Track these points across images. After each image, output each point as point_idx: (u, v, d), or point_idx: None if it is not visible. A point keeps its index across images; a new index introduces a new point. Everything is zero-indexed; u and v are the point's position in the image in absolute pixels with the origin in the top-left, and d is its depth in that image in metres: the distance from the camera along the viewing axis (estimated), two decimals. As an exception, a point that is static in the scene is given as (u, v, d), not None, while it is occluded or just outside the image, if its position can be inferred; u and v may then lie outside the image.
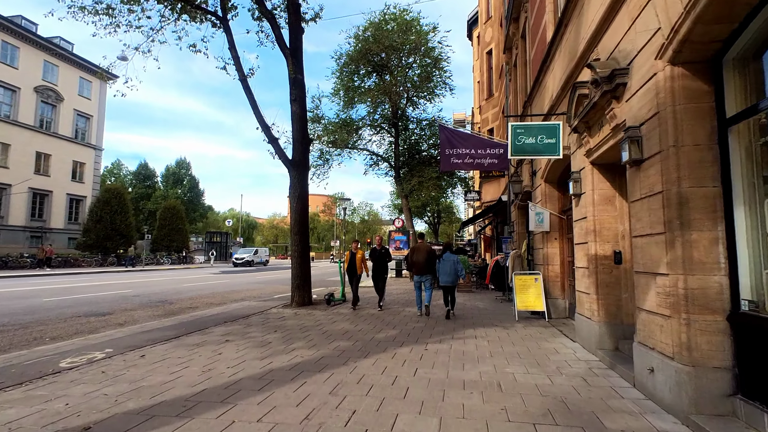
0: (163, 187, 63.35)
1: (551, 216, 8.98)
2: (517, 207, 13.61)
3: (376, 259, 10.66)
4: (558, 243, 8.96)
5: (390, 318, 8.94)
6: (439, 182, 24.11)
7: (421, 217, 53.66)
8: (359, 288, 11.19)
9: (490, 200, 20.48)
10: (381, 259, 10.66)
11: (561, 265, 8.93)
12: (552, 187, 9.10)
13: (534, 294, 8.81)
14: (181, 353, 5.80)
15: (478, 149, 11.90)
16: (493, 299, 12.47)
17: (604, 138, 5.08)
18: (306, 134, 11.48)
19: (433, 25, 22.12)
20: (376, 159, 26.98)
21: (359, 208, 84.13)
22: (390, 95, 21.58)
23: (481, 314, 9.55)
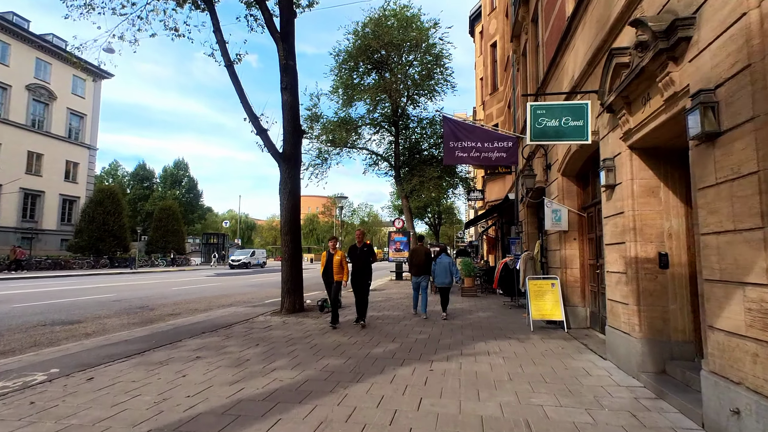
0: (161, 188, 62.50)
1: (570, 214, 8.02)
2: (527, 205, 12.66)
3: (356, 259, 8.45)
4: (577, 244, 8.00)
5: (389, 328, 7.97)
6: (440, 182, 23.50)
7: (422, 218, 52.75)
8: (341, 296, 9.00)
9: (495, 199, 19.52)
10: (362, 260, 8.39)
11: (581, 268, 7.96)
12: (570, 182, 8.14)
13: (551, 301, 7.84)
14: (138, 375, 4.83)
15: (485, 142, 11.01)
16: (501, 305, 11.50)
17: (653, 113, 4.12)
18: (298, 125, 10.54)
19: (434, 21, 21.41)
20: (375, 158, 26.45)
21: (359, 209, 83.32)
22: (390, 93, 20.87)
23: (490, 323, 8.58)
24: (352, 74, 22.58)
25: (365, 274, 8.45)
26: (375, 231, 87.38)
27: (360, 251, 8.53)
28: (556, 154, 8.29)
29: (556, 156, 8.37)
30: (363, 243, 8.62)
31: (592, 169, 7.52)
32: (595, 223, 7.41)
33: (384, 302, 12.05)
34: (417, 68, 22.32)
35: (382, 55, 21.55)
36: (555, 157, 8.43)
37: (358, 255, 8.52)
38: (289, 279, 9.97)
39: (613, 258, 5.26)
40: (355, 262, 8.50)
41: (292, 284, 9.97)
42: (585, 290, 7.91)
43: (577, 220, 8.03)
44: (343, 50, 22.08)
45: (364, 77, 22.82)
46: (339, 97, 22.91)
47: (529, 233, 12.72)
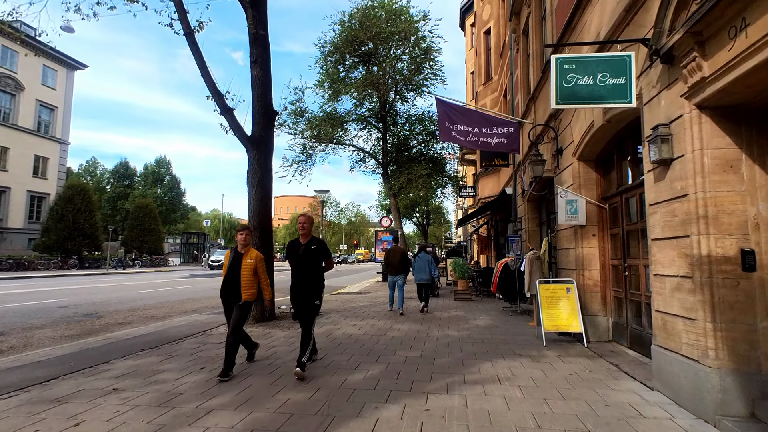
0: (142, 186, 60.23)
1: (588, 205, 6.76)
2: (528, 199, 11.42)
3: (296, 263, 5.03)
4: (597, 241, 6.74)
5: (372, 343, 6.61)
6: (429, 180, 22.63)
7: (410, 217, 51.63)
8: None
9: (489, 196, 18.32)
10: (305, 266, 4.99)
11: (601, 270, 6.70)
12: (588, 168, 6.88)
13: (567, 309, 6.56)
14: (9, 424, 3.40)
15: (483, 128, 9.81)
16: (500, 311, 10.22)
17: (749, 49, 2.84)
18: (269, 105, 9.12)
19: (423, 14, 20.44)
20: (362, 155, 25.65)
21: (346, 209, 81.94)
22: (377, 87, 20.04)
23: (492, 334, 7.27)
24: (338, 67, 21.69)
25: (310, 289, 4.96)
26: (362, 231, 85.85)
27: (303, 251, 4.97)
28: (571, 134, 7.03)
29: (570, 137, 7.10)
30: (310, 237, 5.07)
31: (617, 150, 6.27)
32: (620, 215, 6.15)
33: (368, 308, 10.68)
34: (406, 62, 21.42)
35: (370, 48, 20.73)
36: (569, 139, 7.17)
37: (299, 256, 4.98)
38: (257, 282, 8.54)
39: (667, 257, 3.98)
40: (295, 267, 5.06)
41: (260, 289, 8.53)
42: (606, 296, 6.65)
43: (597, 212, 6.77)
44: (329, 42, 21.00)
45: (350, 71, 21.89)
46: (325, 92, 21.97)
47: (530, 230, 11.49)
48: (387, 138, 22.89)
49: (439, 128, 9.60)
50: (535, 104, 10.05)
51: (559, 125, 7.74)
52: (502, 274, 9.84)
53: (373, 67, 20.94)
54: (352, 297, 13.89)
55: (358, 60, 21.47)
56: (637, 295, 5.70)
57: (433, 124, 24.69)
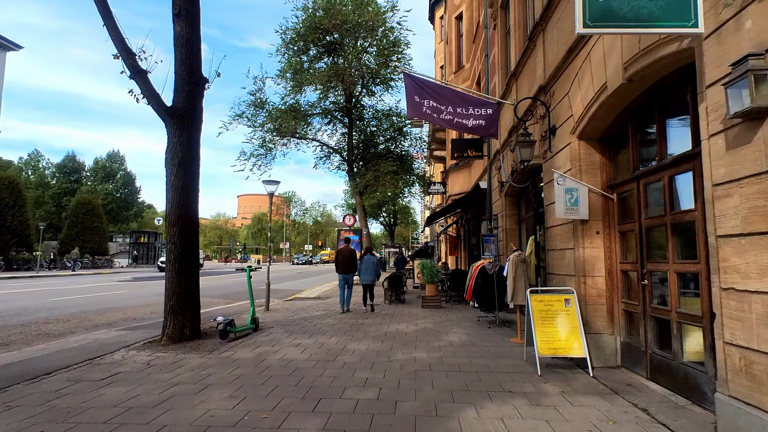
0: (91, 182, 55.91)
1: (591, 195, 5.38)
2: (506, 194, 10.08)
3: None
4: (602, 240, 5.36)
5: (315, 374, 4.96)
6: (396, 177, 21.45)
7: (377, 217, 50.23)
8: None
9: (459, 193, 17.01)
10: None
11: (607, 276, 5.32)
12: (591, 149, 5.50)
13: (566, 327, 5.14)
14: None
15: (458, 107, 8.44)
16: (475, 322, 8.79)
17: None
18: (197, 69, 7.30)
19: (391, 4, 19.17)
20: (327, 151, 24.35)
21: (312, 208, 79.64)
22: (343, 80, 18.76)
23: (470, 357, 5.77)
24: (302, 57, 20.34)
25: None
26: (328, 231, 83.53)
27: None
28: (569, 108, 5.63)
29: (567, 112, 5.71)
30: None
31: (633, 123, 4.90)
32: (637, 206, 4.78)
33: (322, 318, 9.00)
34: (373, 55, 20.31)
35: (335, 38, 19.61)
36: (565, 115, 5.78)
37: None
38: (175, 291, 6.71)
39: (755, 264, 2.56)
40: None
41: (181, 299, 6.71)
42: (614, 309, 5.28)
43: (602, 204, 5.40)
44: (291, 28, 19.46)
45: (315, 61, 20.55)
46: (287, 82, 20.47)
47: (508, 229, 10.16)
48: (353, 133, 21.91)
49: (408, 104, 8.17)
50: (517, 82, 8.69)
51: (552, 99, 6.35)
52: (479, 279, 8.41)
53: (338, 59, 19.75)
54: (306, 304, 12.16)
55: (323, 50, 20.25)
56: (662, 311, 4.32)
57: (402, 119, 23.50)
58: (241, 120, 22.30)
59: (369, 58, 20.92)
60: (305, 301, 13.36)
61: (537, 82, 7.01)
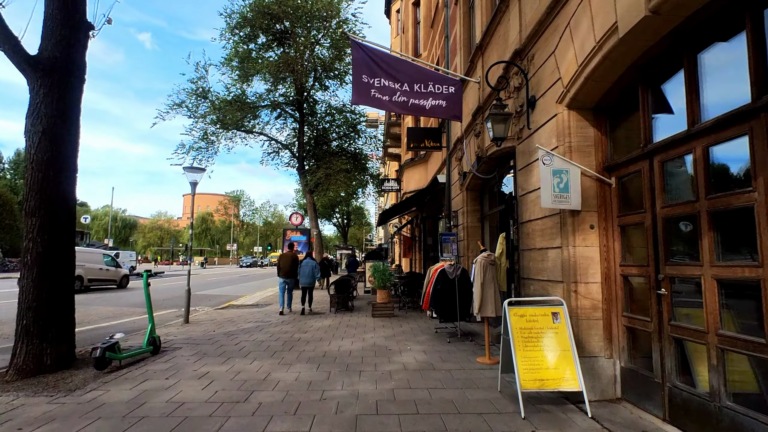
0: (11, 174, 50.15)
1: (584, 179, 4.22)
2: (467, 188, 8.92)
3: None
4: (597, 236, 4.21)
5: (211, 421, 3.42)
6: (349, 176, 20.34)
7: (330, 218, 48.46)
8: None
9: (415, 190, 15.82)
10: None
11: (604, 282, 4.16)
12: (584, 120, 4.34)
13: (555, 350, 3.91)
14: None
15: (415, 83, 7.21)
16: (433, 334, 7.51)
17: None
18: (77, 9, 5.51)
19: None
20: (276, 146, 22.57)
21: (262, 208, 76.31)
22: (294, 71, 17.59)
23: (430, 388, 4.43)
24: (249, 45, 18.94)
25: None
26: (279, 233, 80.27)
27: None
28: (556, 70, 4.45)
29: (553, 75, 4.53)
30: None
31: (644, 83, 3.75)
32: (649, 193, 3.64)
33: (250, 333, 7.38)
34: (326, 47, 19.32)
35: (286, 26, 18.45)
36: (550, 79, 4.59)
37: None
38: (31, 306, 4.88)
39: None
40: None
41: (40, 317, 4.89)
42: (612, 325, 4.12)
43: (598, 191, 4.25)
44: (237, 11, 17.81)
45: (263, 50, 19.16)
46: (233, 71, 19.02)
47: (469, 227, 9.00)
48: (304, 129, 20.80)
49: (353, 86, 6.79)
50: (483, 56, 7.53)
51: (531, 64, 5.17)
52: (437, 285, 7.13)
53: (289, 50, 18.48)
54: (240, 313, 10.44)
55: (273, 39, 19.00)
56: (691, 331, 3.18)
57: (357, 116, 22.29)
58: (180, 110, 20.58)
59: (322, 51, 19.94)
60: (240, 309, 11.63)
61: (511, 48, 5.83)
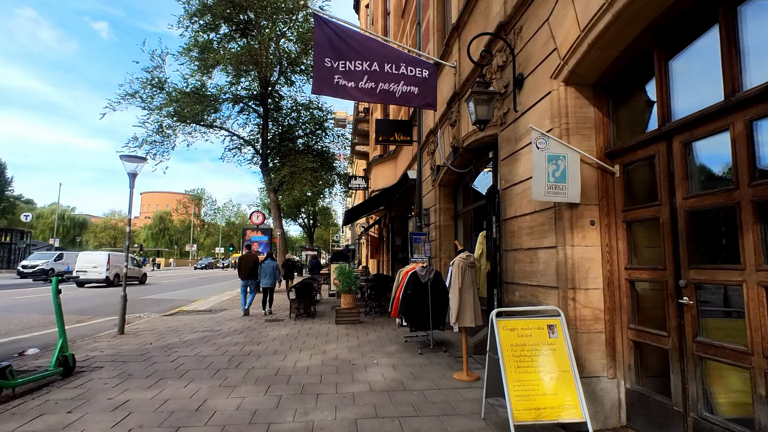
0: None
1: (583, 167, 3.59)
2: (440, 183, 8.26)
3: None
4: (598, 233, 3.58)
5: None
6: (315, 175, 20.00)
7: (295, 218, 47.08)
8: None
9: (383, 188, 15.08)
10: None
11: (607, 289, 3.53)
12: (584, 99, 3.70)
13: (552, 371, 3.23)
14: None
15: (386, 64, 6.49)
16: (402, 344, 6.77)
17: None
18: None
19: None
20: (238, 142, 21.39)
21: (225, 208, 73.63)
22: (257, 63, 16.71)
23: (401, 415, 3.67)
24: (211, 35, 17.91)
25: None
26: (242, 234, 77.64)
27: None
28: (551, 40, 3.80)
29: (547, 47, 3.88)
30: None
31: (660, 49, 3.13)
32: (666, 182, 3.02)
33: (194, 346, 6.39)
34: (293, 41, 18.53)
35: (250, 17, 17.56)
36: (544, 51, 3.94)
37: None
38: None
39: None
40: None
41: None
42: (617, 340, 3.49)
43: (599, 181, 3.62)
44: None
45: (226, 41, 18.18)
46: (192, 61, 17.87)
47: (441, 226, 8.34)
48: (268, 124, 19.85)
49: (315, 73, 6.00)
50: (460, 37, 6.88)
51: (519, 38, 4.51)
52: (408, 289, 6.40)
53: (253, 42, 17.41)
54: (189, 320, 9.36)
55: (236, 29, 18.04)
56: (731, 352, 2.55)
57: (324, 113, 21.45)
58: (134, 100, 19.15)
59: (288, 44, 19.09)
60: (191, 315, 10.54)
61: (493, 22, 5.17)
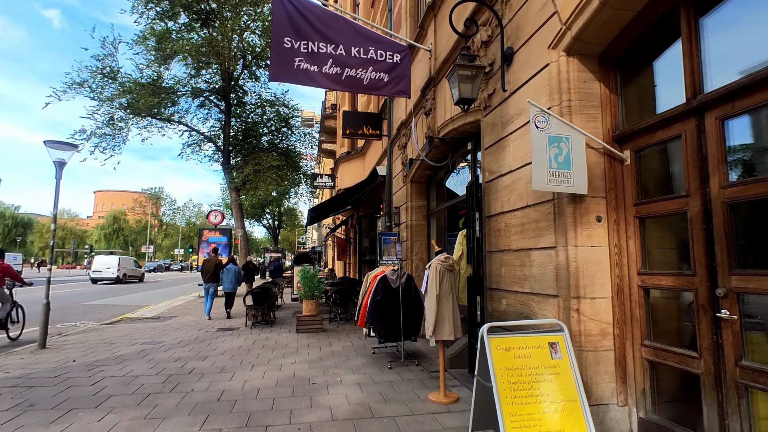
0: None
1: (590, 152, 3.01)
2: (412, 180, 7.64)
3: None
4: (606, 231, 3.01)
5: None
6: (280, 174, 19.12)
7: (259, 219, 45.51)
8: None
9: (351, 186, 14.34)
10: None
11: (617, 297, 2.96)
12: (588, 72, 3.12)
13: (556, 399, 2.62)
14: None
15: (353, 47, 5.82)
16: (369, 356, 6.06)
17: None
18: None
19: None
20: (198, 138, 20.27)
21: (185, 208, 70.65)
22: (220, 55, 15.94)
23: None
24: (169, 23, 16.83)
25: None
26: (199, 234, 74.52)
27: None
28: (551, 2, 3.22)
29: (545, 12, 3.28)
30: None
31: (684, 1, 2.57)
32: (697, 168, 2.46)
33: (122, 364, 5.42)
34: (258, 34, 17.66)
35: (212, 7, 16.62)
36: (540, 18, 3.35)
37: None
38: None
39: None
40: None
41: None
42: (627, 359, 2.92)
43: (606, 170, 3.06)
44: None
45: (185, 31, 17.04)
46: (148, 51, 16.87)
47: (413, 225, 7.72)
48: (231, 120, 18.90)
49: (273, 56, 5.28)
50: (436, 18, 6.27)
51: (508, 5, 3.91)
52: (377, 296, 5.70)
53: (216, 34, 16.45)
54: (129, 329, 8.30)
55: (196, 18, 16.88)
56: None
57: (290, 110, 20.58)
58: (82, 90, 17.73)
59: (253, 38, 18.18)
60: (135, 323, 9.48)
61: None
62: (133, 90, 16.77)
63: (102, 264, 24.65)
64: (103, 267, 24.49)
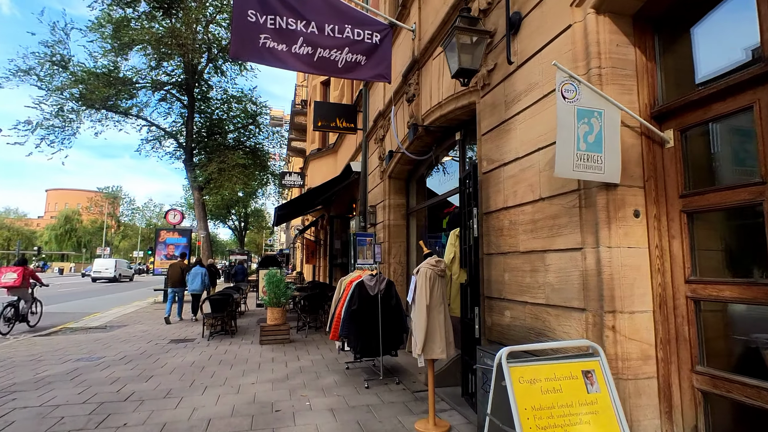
0: None
1: (624, 131, 2.43)
2: (390, 175, 6.98)
3: None
4: (645, 228, 2.43)
5: None
6: (247, 172, 18.44)
7: (225, 220, 43.82)
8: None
9: (321, 184, 13.55)
10: None
11: (659, 311, 2.38)
12: (622, 34, 2.55)
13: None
14: None
15: (327, 24, 5.10)
16: (343, 373, 5.33)
17: None
18: None
19: None
20: (158, 133, 19.21)
21: (145, 208, 67.51)
22: (182, 46, 15.06)
23: None
24: (127, 10, 15.83)
25: None
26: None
27: None
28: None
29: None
30: None
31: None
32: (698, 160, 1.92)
33: (47, 389, 4.48)
34: (224, 26, 16.72)
35: None
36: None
37: None
38: None
39: None
40: None
41: None
42: (673, 389, 2.34)
43: (644, 154, 2.49)
44: None
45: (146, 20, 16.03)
46: (104, 39, 15.79)
47: (391, 226, 7.07)
48: (194, 116, 17.90)
49: (234, 30, 4.52)
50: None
51: (514, -36, 3.31)
52: (353, 305, 5.00)
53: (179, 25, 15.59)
54: (66, 342, 7.22)
55: (158, 7, 15.91)
56: None
57: (258, 107, 19.66)
58: (28, 78, 16.33)
59: (219, 30, 17.29)
60: (76, 334, 8.44)
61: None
62: (85, 80, 15.64)
63: (101, 266, 30.18)
64: (102, 268, 29.89)
